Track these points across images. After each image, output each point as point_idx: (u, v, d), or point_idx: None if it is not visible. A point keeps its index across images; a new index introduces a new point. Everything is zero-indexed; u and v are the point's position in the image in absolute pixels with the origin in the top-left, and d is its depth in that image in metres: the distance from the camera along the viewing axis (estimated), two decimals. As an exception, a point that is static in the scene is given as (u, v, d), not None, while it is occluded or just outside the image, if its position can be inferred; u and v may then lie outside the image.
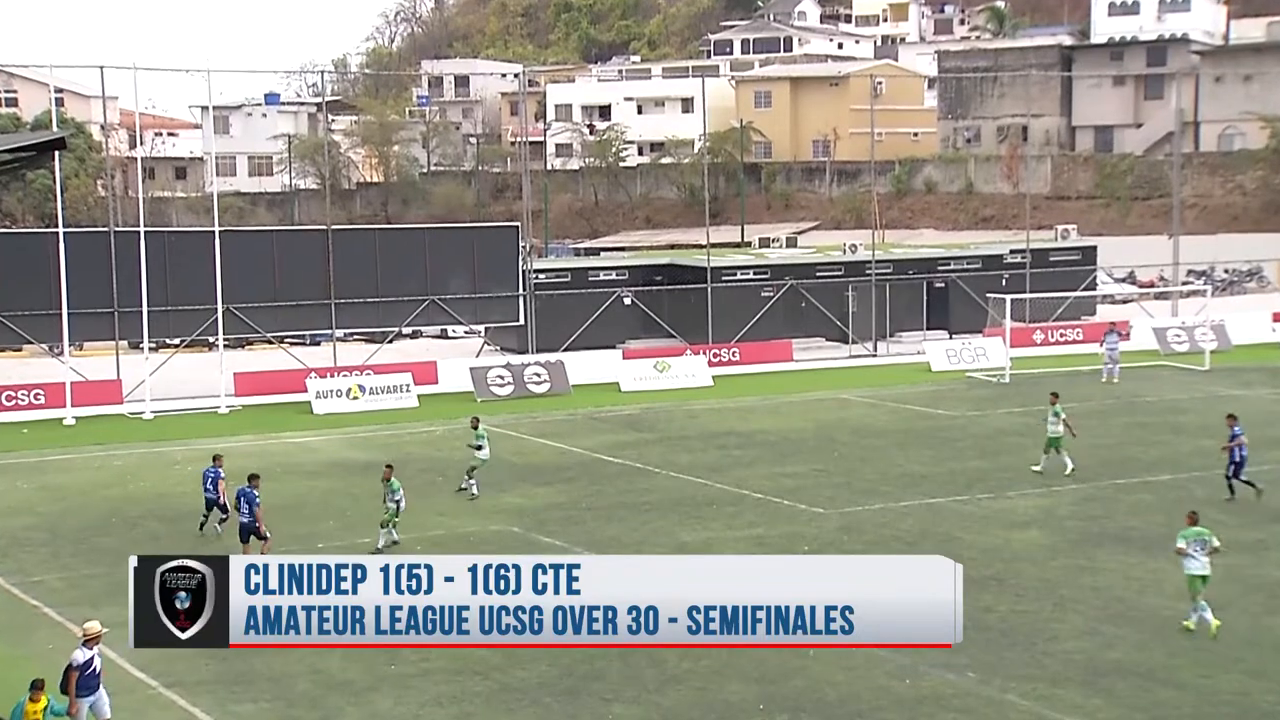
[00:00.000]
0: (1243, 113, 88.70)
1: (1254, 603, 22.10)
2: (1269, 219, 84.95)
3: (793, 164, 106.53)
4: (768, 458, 34.67)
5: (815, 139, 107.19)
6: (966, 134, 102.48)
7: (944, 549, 25.43)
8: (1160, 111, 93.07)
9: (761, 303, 54.38)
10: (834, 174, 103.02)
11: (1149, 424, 37.99)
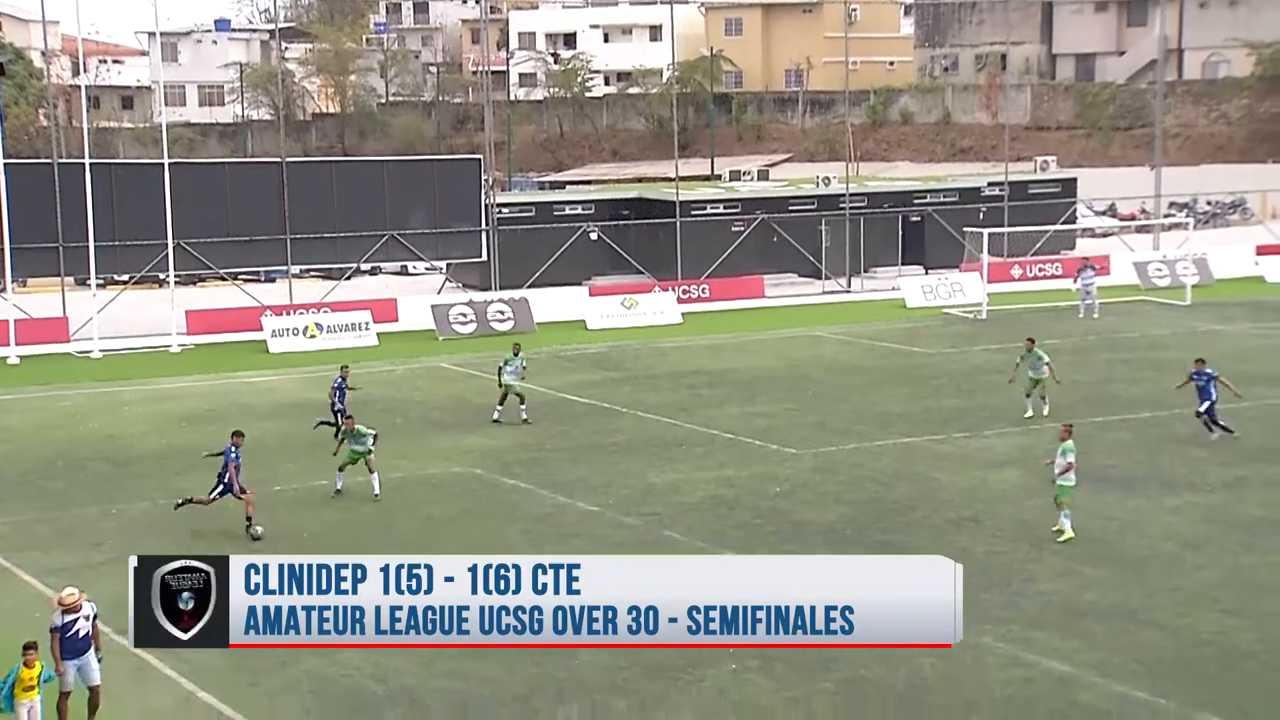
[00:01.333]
0: (1228, 39, 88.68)
1: (1233, 542, 22.30)
2: (1253, 149, 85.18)
3: (764, 94, 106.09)
4: (738, 397, 34.70)
5: (788, 68, 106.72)
6: (944, 63, 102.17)
7: (919, 489, 25.59)
8: (1143, 38, 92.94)
9: (732, 237, 54.30)
10: (807, 104, 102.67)
11: (1130, 360, 38.18)
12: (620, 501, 25.50)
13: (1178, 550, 21.94)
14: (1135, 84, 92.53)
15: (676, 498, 25.65)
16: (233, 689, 17.08)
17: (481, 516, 24.91)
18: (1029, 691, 16.79)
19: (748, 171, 68.10)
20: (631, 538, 23.39)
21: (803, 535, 23.20)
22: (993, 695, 16.68)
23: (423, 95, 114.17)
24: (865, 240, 55.27)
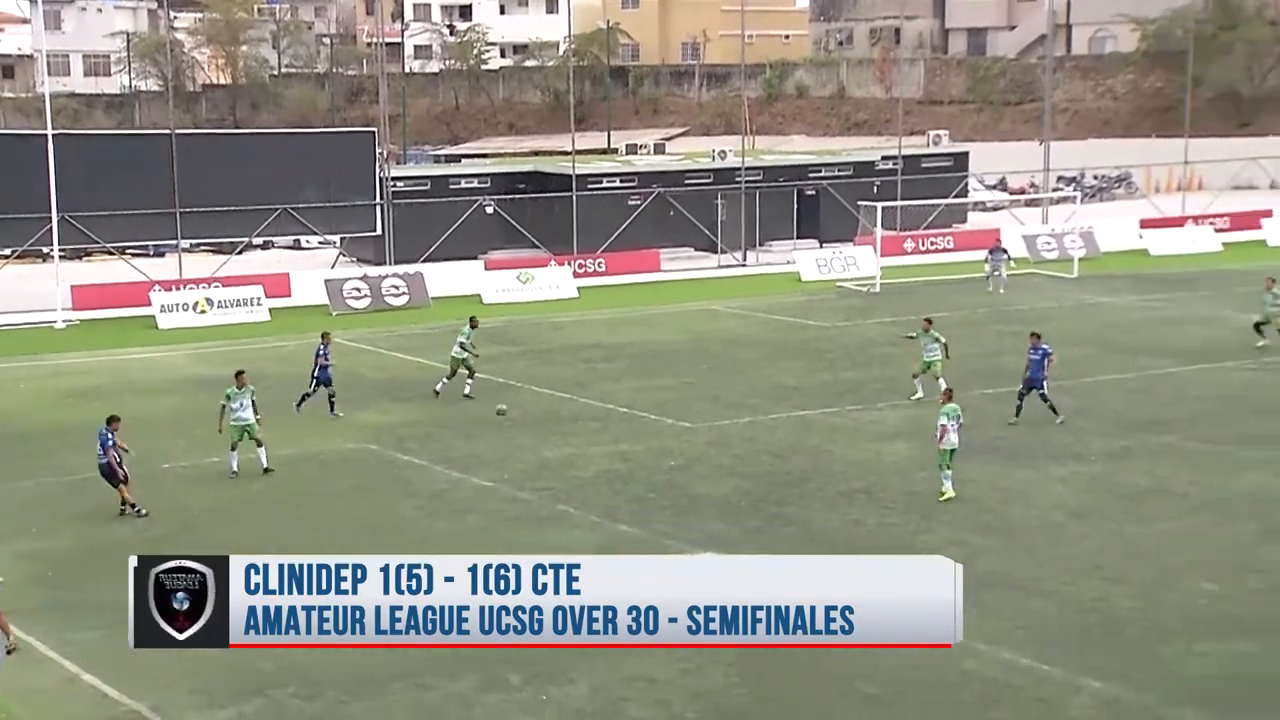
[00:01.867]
0: (1114, 15, 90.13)
1: (1116, 511, 22.77)
2: (1138, 124, 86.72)
3: (661, 67, 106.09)
4: (635, 371, 34.76)
5: (684, 41, 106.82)
6: (839, 36, 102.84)
7: (814, 462, 25.81)
8: (1033, 13, 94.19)
9: (628, 211, 54.27)
10: (703, 78, 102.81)
11: (1019, 333, 38.55)
12: (515, 476, 25.44)
13: (1064, 520, 22.35)
14: (1025, 59, 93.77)
15: (571, 472, 25.64)
16: (115, 670, 16.81)
17: (375, 492, 24.74)
18: (917, 659, 16.96)
19: (644, 145, 68.14)
20: (526, 512, 23.37)
21: (698, 508, 23.31)
22: (882, 664, 16.88)
23: (316, 67, 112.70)
24: (761, 214, 55.53)
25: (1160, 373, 33.07)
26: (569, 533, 22.24)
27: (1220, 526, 21.82)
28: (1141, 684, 16.23)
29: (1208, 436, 27.18)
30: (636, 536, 21.98)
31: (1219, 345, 35.99)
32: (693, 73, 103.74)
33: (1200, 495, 23.41)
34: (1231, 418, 28.56)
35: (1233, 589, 19.09)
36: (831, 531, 22.00)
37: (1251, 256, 53.53)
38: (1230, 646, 17.26)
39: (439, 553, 21.41)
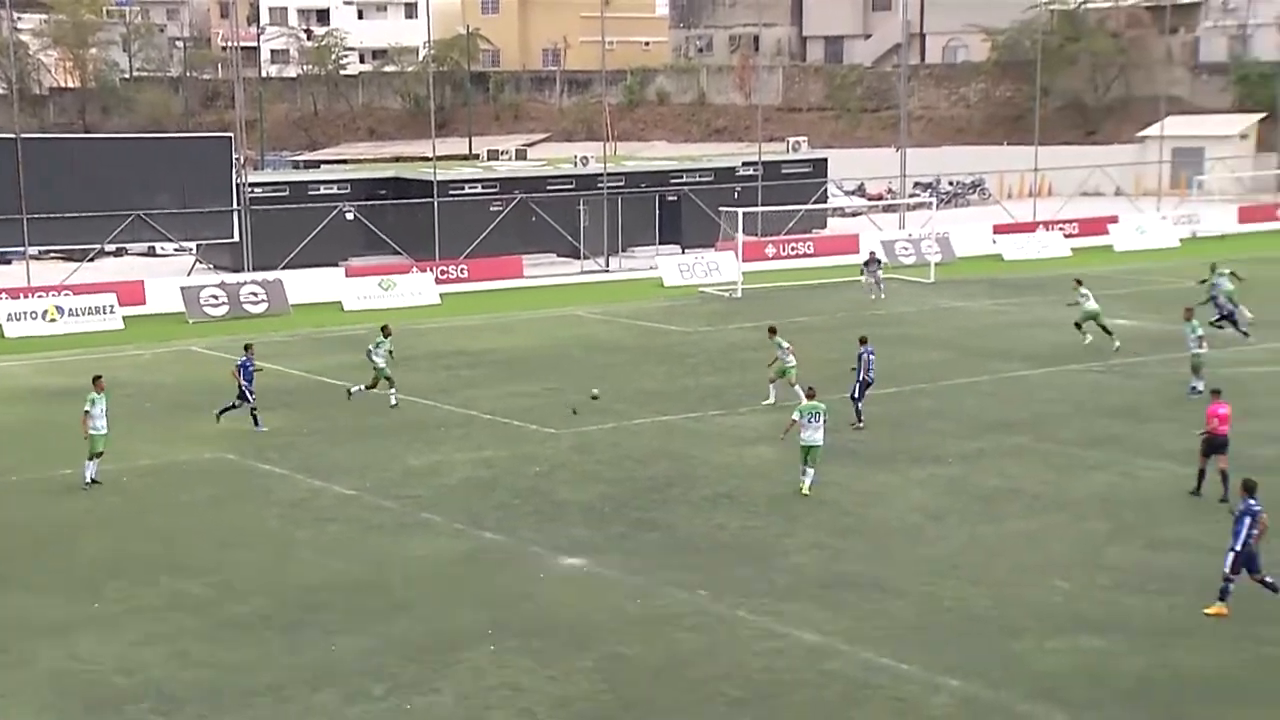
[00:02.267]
0: (965, 25, 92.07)
1: (972, 512, 23.26)
2: (991, 131, 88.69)
3: (522, 73, 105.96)
4: (499, 377, 34.69)
5: (545, 47, 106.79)
6: (698, 44, 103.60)
7: (677, 467, 25.99)
8: (888, 22, 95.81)
9: (490, 217, 54.13)
10: (564, 84, 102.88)
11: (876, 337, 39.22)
12: (378, 484, 25.24)
13: (922, 521, 22.78)
14: (881, 67, 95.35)
15: (436, 479, 25.52)
16: (-31, 692, 16.36)
17: (234, 502, 24.37)
18: (780, 662, 17.24)
19: (506, 151, 68.01)
20: (390, 520, 23.20)
21: (563, 514, 23.34)
22: (747, 667, 17.08)
23: (169, 71, 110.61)
24: (623, 220, 55.75)
25: (1012, 375, 33.85)
26: (433, 540, 22.12)
27: (1071, 526, 22.40)
28: (997, 681, 16.61)
29: (1057, 438, 27.89)
30: (501, 543, 21.94)
31: (1067, 349, 36.94)
32: (554, 79, 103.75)
33: (1051, 495, 24.02)
34: (1079, 419, 29.33)
35: (1082, 587, 19.62)
36: (696, 536, 22.17)
37: (1099, 261, 55.05)
38: (1079, 642, 17.74)
39: (300, 562, 21.27)
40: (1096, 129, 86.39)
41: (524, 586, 20.00)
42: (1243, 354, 35.37)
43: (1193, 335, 30.95)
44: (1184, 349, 31.95)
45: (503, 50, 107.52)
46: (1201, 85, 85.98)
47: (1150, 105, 79.08)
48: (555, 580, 20.27)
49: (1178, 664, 17.08)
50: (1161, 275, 50.55)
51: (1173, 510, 22.86)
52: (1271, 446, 26.69)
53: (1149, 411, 29.68)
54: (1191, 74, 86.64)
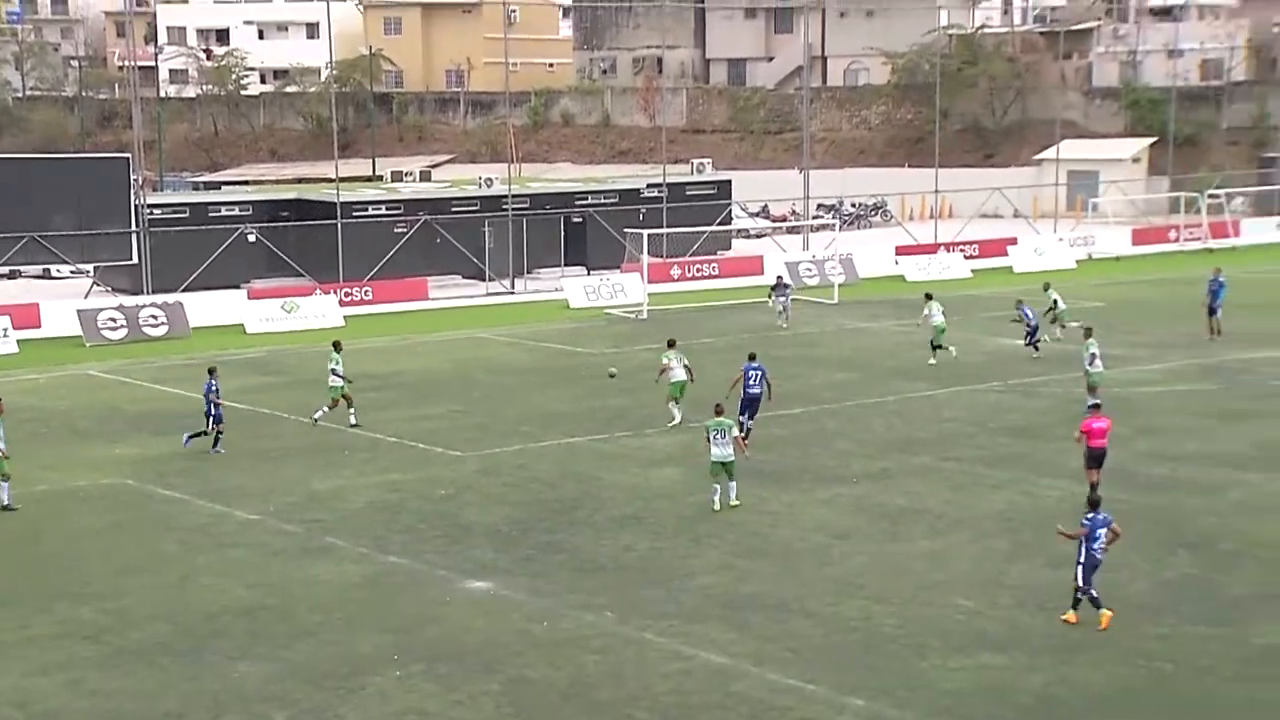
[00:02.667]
0: (866, 48, 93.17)
1: (878, 531, 23.47)
2: (892, 153, 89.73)
3: (426, 94, 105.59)
4: (404, 400, 34.48)
5: (449, 68, 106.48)
6: (602, 65, 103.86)
7: (583, 488, 25.97)
8: (790, 45, 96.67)
9: (395, 239, 53.84)
10: (469, 105, 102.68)
11: (782, 358, 39.59)
12: (282, 509, 24.97)
13: (828, 541, 22.94)
14: (784, 89, 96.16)
15: (340, 503, 25.29)
16: None
17: (133, 528, 23.98)
18: (688, 684, 17.26)
19: (410, 172, 67.68)
20: (293, 545, 22.95)
21: (469, 537, 23.22)
22: (654, 689, 17.08)
23: (64, 90, 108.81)
24: (528, 241, 55.68)
25: (916, 395, 34.23)
26: (338, 565, 21.91)
27: (973, 544, 22.67)
28: (902, 701, 16.75)
29: (960, 457, 28.24)
30: (407, 567, 21.79)
31: (970, 368, 37.43)
32: (458, 100, 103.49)
33: (955, 514, 24.29)
34: (982, 438, 29.72)
35: (985, 605, 19.86)
36: (603, 557, 22.16)
37: (999, 282, 55.85)
38: (982, 660, 17.95)
39: (201, 587, 20.96)
40: (995, 152, 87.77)
41: (429, 610, 19.86)
42: (1138, 374, 36.06)
43: (1087, 354, 31.50)
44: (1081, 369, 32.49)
45: (406, 71, 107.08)
46: (1095, 110, 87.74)
47: (1046, 129, 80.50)
48: (461, 603, 20.16)
49: (1076, 680, 17.34)
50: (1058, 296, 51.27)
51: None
52: (1163, 465, 27.22)
53: (1048, 430, 30.13)
54: (1085, 98, 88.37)
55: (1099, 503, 19.47)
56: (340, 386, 31.18)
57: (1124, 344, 38.83)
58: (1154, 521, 23.48)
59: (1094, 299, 50.18)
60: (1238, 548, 22.22)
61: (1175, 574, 21.10)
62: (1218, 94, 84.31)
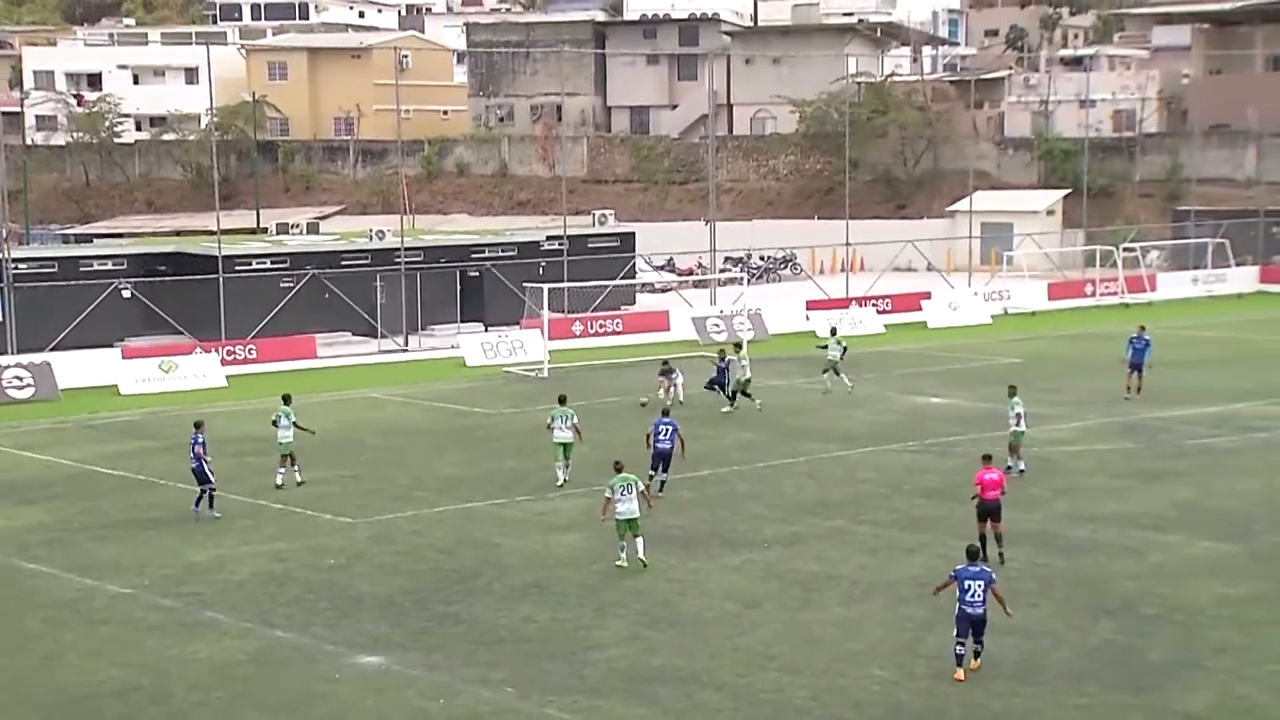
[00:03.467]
0: (773, 96, 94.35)
1: (790, 598, 23.51)
2: (801, 204, 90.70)
3: (313, 142, 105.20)
4: (289, 465, 34.12)
5: (337, 115, 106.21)
6: (499, 112, 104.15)
7: (482, 556, 25.79)
8: (694, 92, 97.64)
9: (281, 294, 53.41)
10: (358, 154, 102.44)
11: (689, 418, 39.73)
12: (158, 582, 24.55)
13: (738, 609, 22.95)
14: (689, 138, 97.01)
15: (221, 575, 24.91)
16: None
17: (-3, 607, 23.41)
18: (595, 762, 17.12)
19: (296, 224, 67.29)
20: (169, 620, 22.53)
21: (360, 610, 22.94)
22: (558, 768, 16.93)
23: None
24: (422, 296, 55.46)
25: (829, 456, 34.46)
26: (218, 641, 21.54)
27: (889, 611, 22.79)
28: (818, 774, 16.73)
29: (875, 519, 28.43)
30: (293, 642, 21.47)
31: (884, 428, 37.77)
32: (347, 148, 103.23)
33: (869, 580, 24.43)
34: (896, 500, 29.96)
35: (901, 676, 19.94)
36: (502, 629, 21.99)
37: (912, 337, 56.56)
38: (903, 731, 18.00)
39: (69, 667, 20.49)
40: (907, 203, 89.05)
41: (317, 687, 19.57)
42: (1056, 433, 36.61)
43: (1012, 413, 31.82)
44: (997, 427, 32.90)
45: (292, 119, 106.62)
46: (1008, 160, 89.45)
47: (959, 179, 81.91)
48: (352, 680, 19.89)
49: (1000, 750, 17.44)
50: (974, 352, 52.13)
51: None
52: (1084, 527, 27.60)
53: (964, 491, 30.34)
54: (998, 149, 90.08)
55: (977, 554, 20.20)
56: (289, 443, 31.10)
57: (1042, 401, 39.41)
58: (1076, 585, 23.77)
59: (1010, 355, 50.96)
60: (1159, 612, 22.55)
61: (1097, 640, 21.34)
62: (1130, 146, 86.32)
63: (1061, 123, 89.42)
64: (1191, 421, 38.09)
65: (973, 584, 19.68)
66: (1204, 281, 71.72)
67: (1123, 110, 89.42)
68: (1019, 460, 31.75)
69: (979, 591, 19.65)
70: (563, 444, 31.41)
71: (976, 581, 19.70)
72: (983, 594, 19.68)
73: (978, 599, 19.63)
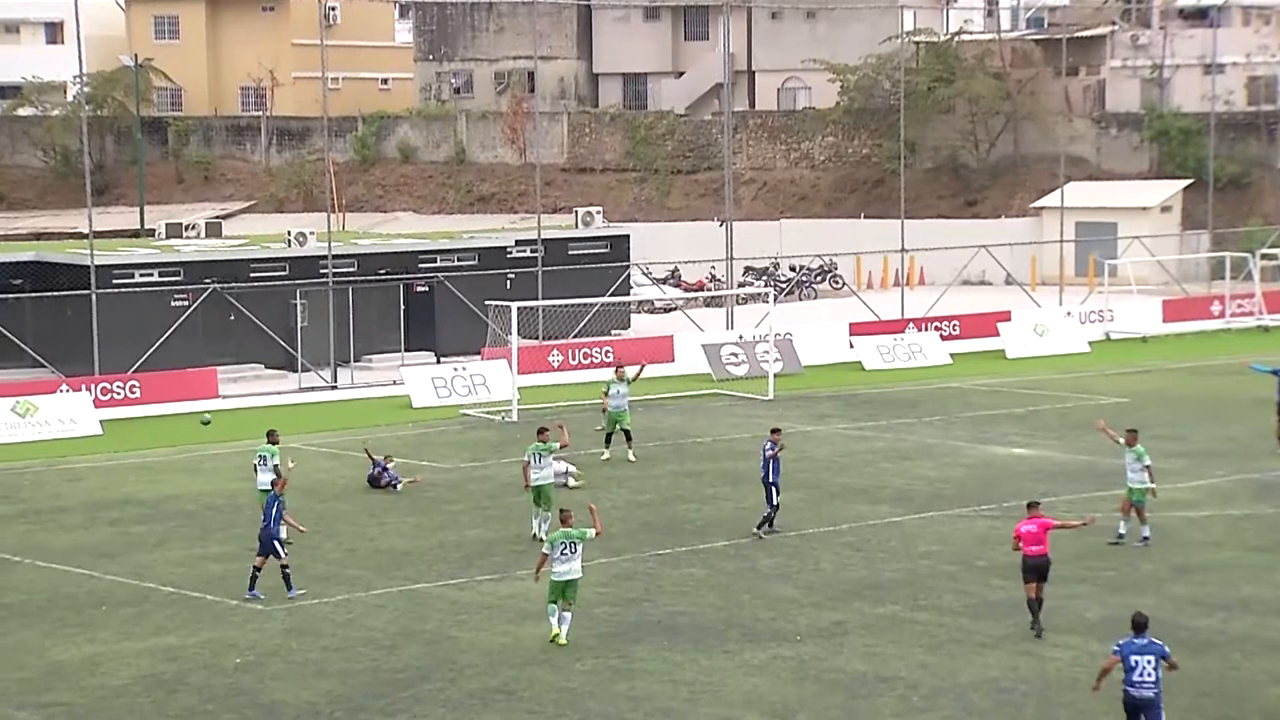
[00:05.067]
0: (806, 60, 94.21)
1: (830, 707, 23.52)
2: (842, 200, 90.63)
3: (213, 120, 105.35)
4: (184, 535, 34.22)
5: (245, 85, 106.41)
6: (454, 82, 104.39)
7: (433, 652, 25.83)
8: (705, 56, 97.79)
9: (172, 315, 53.46)
10: (272, 134, 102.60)
11: (700, 473, 39.84)
12: (11, 689, 24.61)
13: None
14: (698, 114, 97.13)
15: (94, 679, 24.96)
16: None
17: None
18: None
19: (193, 225, 67.36)
20: (30, 739, 22.57)
21: (274, 723, 22.99)
22: None
23: None
24: (356, 318, 55.51)
25: (880, 523, 34.47)
26: (92, 765, 21.57)
27: (961, 721, 22.82)
28: None
29: (940, 605, 28.44)
30: (189, 766, 21.51)
31: (950, 486, 37.82)
32: (258, 128, 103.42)
33: (933, 683, 24.43)
34: (967, 580, 29.98)
35: (979, 802, 19.97)
36: (459, 748, 22.03)
37: (986, 369, 56.60)
38: None
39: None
40: (979, 198, 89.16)
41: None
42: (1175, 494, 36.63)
43: (1139, 464, 31.93)
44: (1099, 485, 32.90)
45: (187, 89, 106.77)
46: (1110, 143, 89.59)
47: (1046, 168, 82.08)
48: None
49: None
50: (1066, 389, 52.21)
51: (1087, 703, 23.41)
52: (1211, 616, 27.60)
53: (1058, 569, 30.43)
54: (1097, 128, 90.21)
55: (1145, 624, 20.56)
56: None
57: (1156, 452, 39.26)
58: (1201, 693, 23.78)
59: (1114, 393, 51.04)
60: (1311, 724, 22.57)
61: (1229, 760, 21.37)
62: (1270, 123, 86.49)
63: (1180, 94, 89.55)
64: (1349, 478, 38.18)
65: (1140, 660, 20.24)
66: (1365, 298, 71.90)
67: (1260, 77, 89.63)
68: (1142, 525, 31.93)
69: (1148, 669, 20.22)
70: (540, 487, 31.62)
71: (1144, 656, 20.26)
72: (1154, 671, 20.25)
73: (1147, 678, 20.22)
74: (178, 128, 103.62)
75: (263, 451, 33.59)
